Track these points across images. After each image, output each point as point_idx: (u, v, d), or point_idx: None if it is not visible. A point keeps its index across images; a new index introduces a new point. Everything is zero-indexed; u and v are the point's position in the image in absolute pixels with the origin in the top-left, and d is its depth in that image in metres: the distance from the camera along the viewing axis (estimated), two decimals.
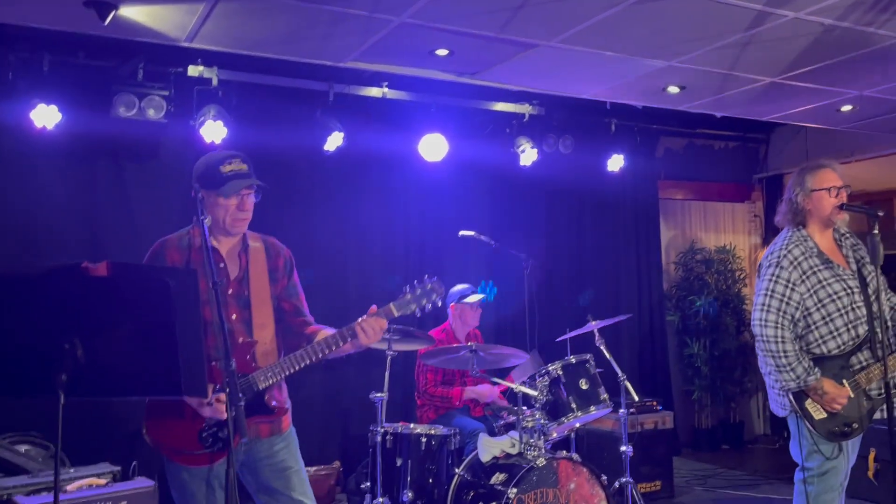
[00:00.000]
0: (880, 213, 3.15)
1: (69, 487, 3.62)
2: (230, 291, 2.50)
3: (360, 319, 2.49)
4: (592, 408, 3.94)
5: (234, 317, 2.48)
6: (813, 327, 3.24)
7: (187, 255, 2.51)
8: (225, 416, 2.34)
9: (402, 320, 5.53)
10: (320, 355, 2.47)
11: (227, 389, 2.10)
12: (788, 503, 5.03)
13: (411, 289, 2.57)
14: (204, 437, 2.40)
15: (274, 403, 2.50)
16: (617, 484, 4.16)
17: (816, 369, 3.17)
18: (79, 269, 1.89)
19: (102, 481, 3.73)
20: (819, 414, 3.19)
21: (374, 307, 2.52)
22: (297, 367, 2.47)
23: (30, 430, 4.33)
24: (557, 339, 4.82)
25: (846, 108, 5.10)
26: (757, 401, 7.40)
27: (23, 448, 4.21)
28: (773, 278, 3.24)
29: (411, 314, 2.54)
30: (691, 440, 6.90)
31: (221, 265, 2.53)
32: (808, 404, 3.21)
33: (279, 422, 2.57)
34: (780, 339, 3.17)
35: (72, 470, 3.90)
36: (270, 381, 2.44)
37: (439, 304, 2.59)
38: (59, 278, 1.89)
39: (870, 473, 4.87)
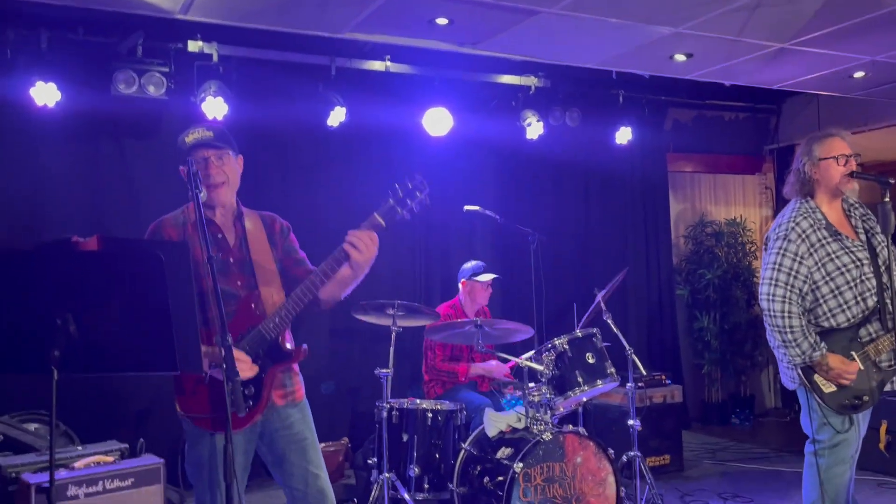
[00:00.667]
0: (892, 181, 3.08)
1: (77, 464, 3.63)
2: (231, 259, 2.51)
3: (347, 235, 2.44)
4: (599, 382, 3.90)
5: (238, 283, 2.49)
6: (821, 301, 3.18)
7: (183, 231, 2.52)
8: (249, 375, 2.36)
9: (411, 295, 5.57)
10: (319, 286, 2.45)
11: (224, 365, 2.08)
12: (798, 475, 4.99)
13: (392, 193, 2.52)
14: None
15: (289, 346, 2.51)
16: (625, 458, 4.14)
17: (823, 344, 3.12)
18: (69, 243, 1.86)
19: (110, 458, 3.74)
20: (828, 387, 3.15)
21: (362, 224, 2.48)
22: (301, 304, 2.46)
23: (38, 408, 4.36)
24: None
25: (858, 74, 4.98)
26: (768, 374, 7.36)
27: (31, 426, 4.23)
28: (781, 252, 3.18)
29: (400, 218, 2.48)
30: (701, 414, 6.88)
31: (220, 236, 2.55)
32: (818, 378, 3.16)
33: (292, 391, 2.59)
34: (786, 314, 3.12)
35: (80, 447, 3.91)
36: (280, 326, 2.45)
37: (427, 202, 2.51)
38: (49, 253, 1.86)
39: (881, 445, 4.83)
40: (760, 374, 7.28)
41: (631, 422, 4.24)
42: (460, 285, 4.78)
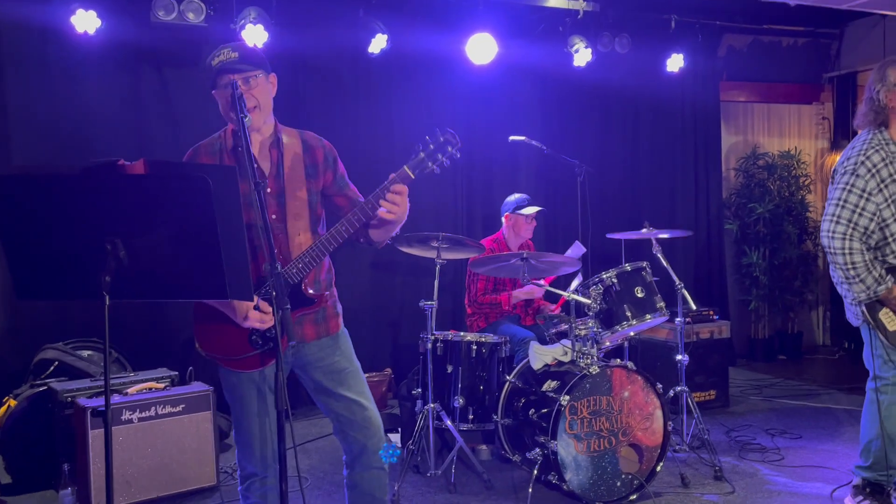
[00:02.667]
0: None
1: (129, 391, 3.72)
2: (268, 190, 2.41)
3: (376, 193, 2.36)
4: (648, 316, 3.83)
5: (273, 217, 2.40)
6: (891, 239, 3.04)
7: (219, 159, 2.42)
8: (265, 326, 2.31)
9: (453, 229, 5.51)
10: (345, 235, 2.37)
11: (274, 293, 2.05)
12: (848, 412, 4.94)
13: (423, 146, 2.39)
14: (253, 340, 2.37)
15: (311, 291, 2.42)
16: (671, 392, 4.09)
17: (890, 277, 3.00)
18: (116, 166, 1.82)
19: (161, 385, 3.82)
20: (893, 325, 3.04)
21: (392, 175, 2.38)
22: (326, 251, 2.39)
23: (91, 335, 4.46)
24: (608, 236, 4.65)
25: None
26: (817, 312, 7.19)
27: (85, 353, 4.33)
28: (848, 187, 3.02)
29: (430, 172, 2.39)
30: (747, 351, 6.77)
31: (255, 165, 2.41)
32: (882, 315, 3.05)
33: (325, 325, 2.52)
34: (847, 251, 2.99)
35: (132, 374, 4.00)
36: (303, 272, 2.38)
37: (457, 156, 2.41)
38: (96, 177, 1.83)
39: None
40: (809, 312, 7.12)
41: (679, 357, 4.18)
42: (504, 219, 4.69)
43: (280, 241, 2.40)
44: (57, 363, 4.16)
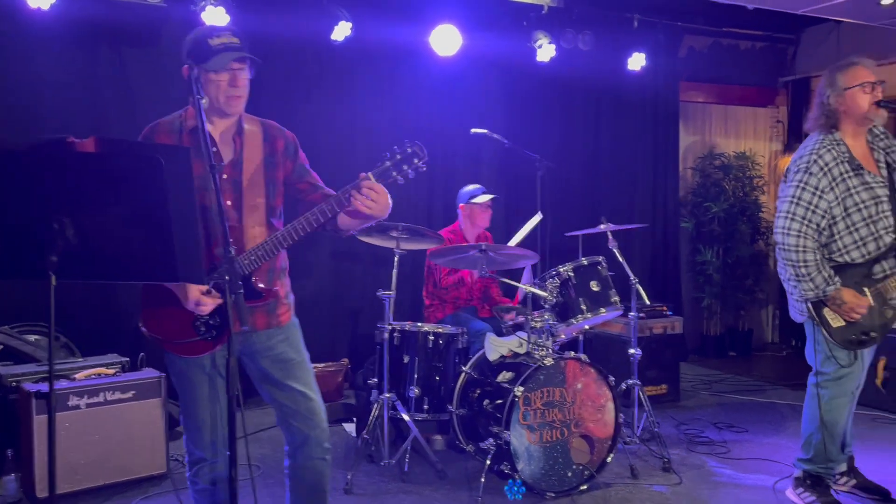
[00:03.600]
0: None
1: (78, 376, 3.64)
2: (224, 176, 2.36)
3: (341, 193, 2.33)
4: (603, 309, 3.88)
5: (228, 203, 2.36)
6: (837, 236, 3.13)
7: (178, 138, 2.37)
8: (208, 309, 2.26)
9: (413, 220, 5.50)
10: (302, 234, 2.33)
11: (227, 277, 2.02)
12: (792, 408, 5.09)
13: (390, 155, 2.37)
14: (197, 326, 2.33)
15: (261, 286, 2.39)
16: (624, 385, 4.16)
17: (837, 279, 3.08)
18: (65, 143, 1.77)
19: (111, 371, 3.74)
20: (836, 322, 3.13)
21: (361, 174, 2.35)
22: (281, 247, 2.36)
23: (38, 320, 4.34)
24: (567, 234, 4.69)
25: (887, 1, 4.77)
26: (767, 310, 7.37)
27: (32, 338, 4.22)
28: (802, 185, 3.10)
29: (393, 181, 2.38)
30: (698, 347, 6.92)
31: (214, 149, 2.37)
32: (826, 312, 3.14)
33: (276, 315, 2.49)
34: (801, 249, 3.07)
35: (81, 359, 3.92)
36: (255, 265, 2.34)
37: (423, 168, 2.40)
38: (45, 153, 1.78)
39: (878, 381, 4.86)
40: (760, 310, 7.29)
41: (632, 350, 4.24)
42: (459, 210, 4.71)
43: (234, 231, 2.35)
44: (2, 347, 4.04)
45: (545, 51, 5.59)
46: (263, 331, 2.46)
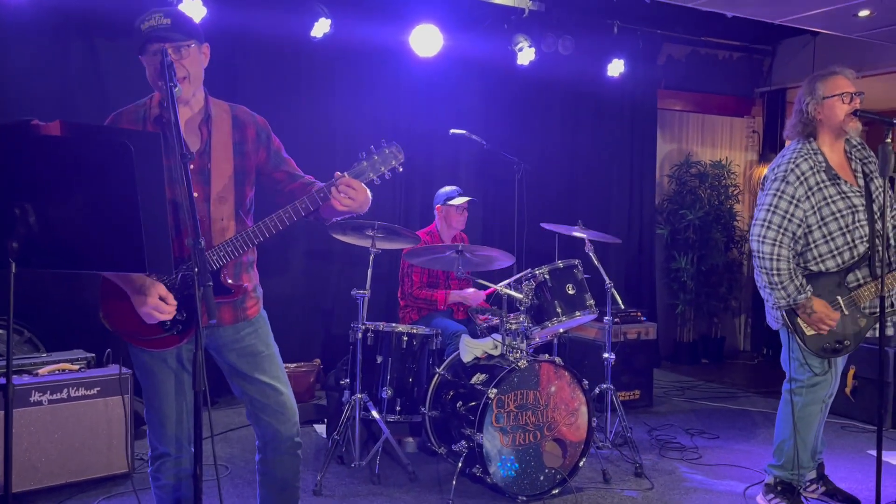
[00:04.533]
0: (895, 122, 2.99)
1: (41, 371, 3.54)
2: (192, 167, 2.27)
3: (315, 192, 2.28)
4: (578, 313, 3.87)
5: (196, 195, 2.28)
6: (813, 245, 3.14)
7: (143, 127, 2.28)
8: (163, 317, 2.19)
9: (390, 220, 5.46)
10: (273, 231, 2.28)
11: (196, 269, 1.97)
12: (764, 415, 5.11)
13: (367, 155, 2.33)
14: (163, 321, 2.26)
15: (230, 281, 2.33)
16: (597, 390, 4.15)
17: (809, 287, 3.10)
18: (28, 126, 1.71)
19: (75, 367, 3.65)
20: (811, 330, 3.14)
21: (337, 173, 2.30)
22: (251, 244, 2.30)
23: (1, 314, 4.22)
24: (544, 225, 4.62)
25: (864, 12, 4.83)
26: (740, 319, 7.43)
27: None
28: (779, 193, 3.12)
29: (369, 182, 2.33)
30: (672, 353, 6.95)
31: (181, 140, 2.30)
32: (801, 320, 3.15)
33: (244, 308, 2.42)
34: (775, 257, 3.08)
35: (45, 355, 3.81)
36: (223, 261, 2.28)
37: (400, 170, 2.37)
38: (6, 136, 1.71)
39: (847, 390, 4.91)
40: (733, 318, 7.35)
41: (606, 355, 4.24)
42: (436, 211, 4.69)
43: (203, 224, 2.28)
44: None
45: (525, 54, 5.59)
46: (231, 325, 2.40)
